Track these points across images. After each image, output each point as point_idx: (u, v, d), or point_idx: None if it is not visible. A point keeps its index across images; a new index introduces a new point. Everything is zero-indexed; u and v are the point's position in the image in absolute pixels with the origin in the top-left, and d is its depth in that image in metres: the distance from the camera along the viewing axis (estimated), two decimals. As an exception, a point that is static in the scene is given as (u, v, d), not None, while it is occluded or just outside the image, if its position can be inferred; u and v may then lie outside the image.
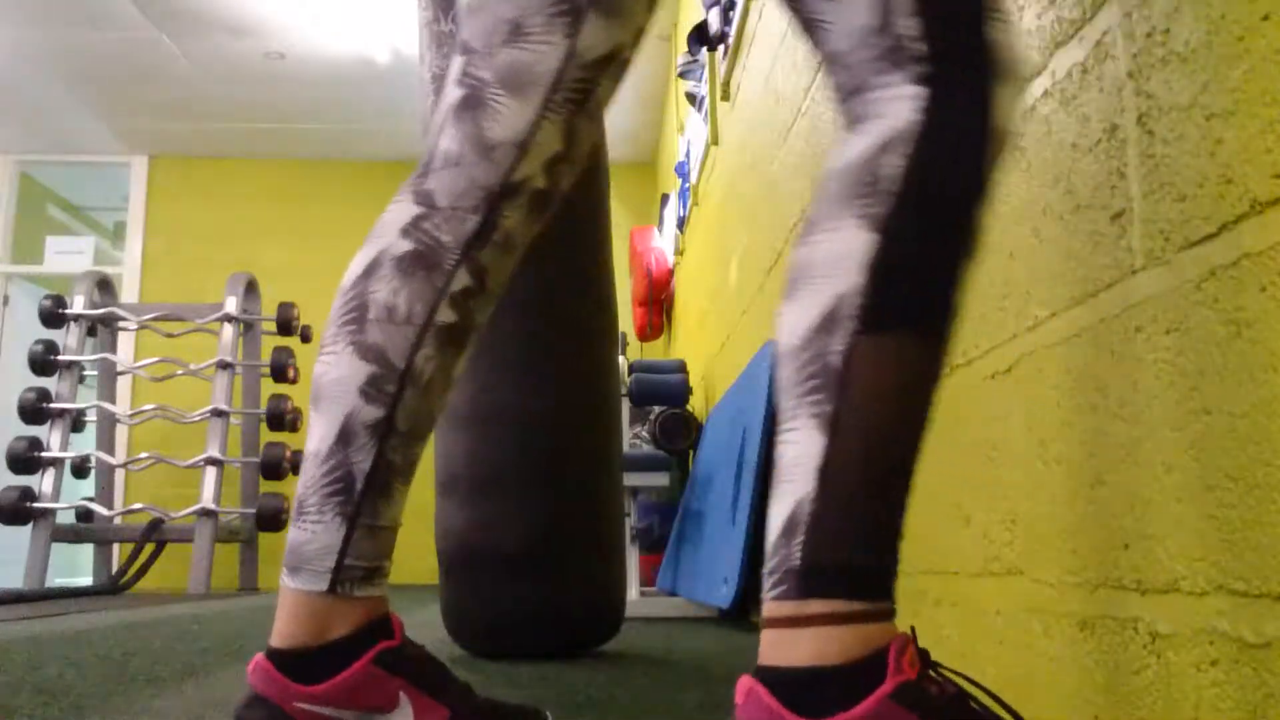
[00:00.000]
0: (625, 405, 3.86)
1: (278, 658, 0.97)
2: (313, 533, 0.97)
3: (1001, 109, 0.79)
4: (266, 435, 6.08)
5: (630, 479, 3.43)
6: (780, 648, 0.74)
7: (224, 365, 5.56)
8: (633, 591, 3.42)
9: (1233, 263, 0.79)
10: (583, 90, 1.01)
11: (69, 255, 6.94)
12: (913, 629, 0.77)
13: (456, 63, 1.04)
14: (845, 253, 0.77)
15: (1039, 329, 1.16)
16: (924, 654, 0.75)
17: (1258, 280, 0.76)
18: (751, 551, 2.53)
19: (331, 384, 0.98)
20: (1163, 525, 0.89)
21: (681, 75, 4.27)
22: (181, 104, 6.36)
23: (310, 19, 5.37)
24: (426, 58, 2.16)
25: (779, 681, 0.74)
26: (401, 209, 1.02)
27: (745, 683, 0.75)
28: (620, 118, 6.32)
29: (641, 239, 5.54)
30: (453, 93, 1.03)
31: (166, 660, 1.97)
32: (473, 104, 1.01)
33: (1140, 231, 0.95)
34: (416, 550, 4.03)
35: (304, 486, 0.98)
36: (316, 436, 0.98)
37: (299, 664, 0.96)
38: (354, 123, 6.56)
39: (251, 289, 5.90)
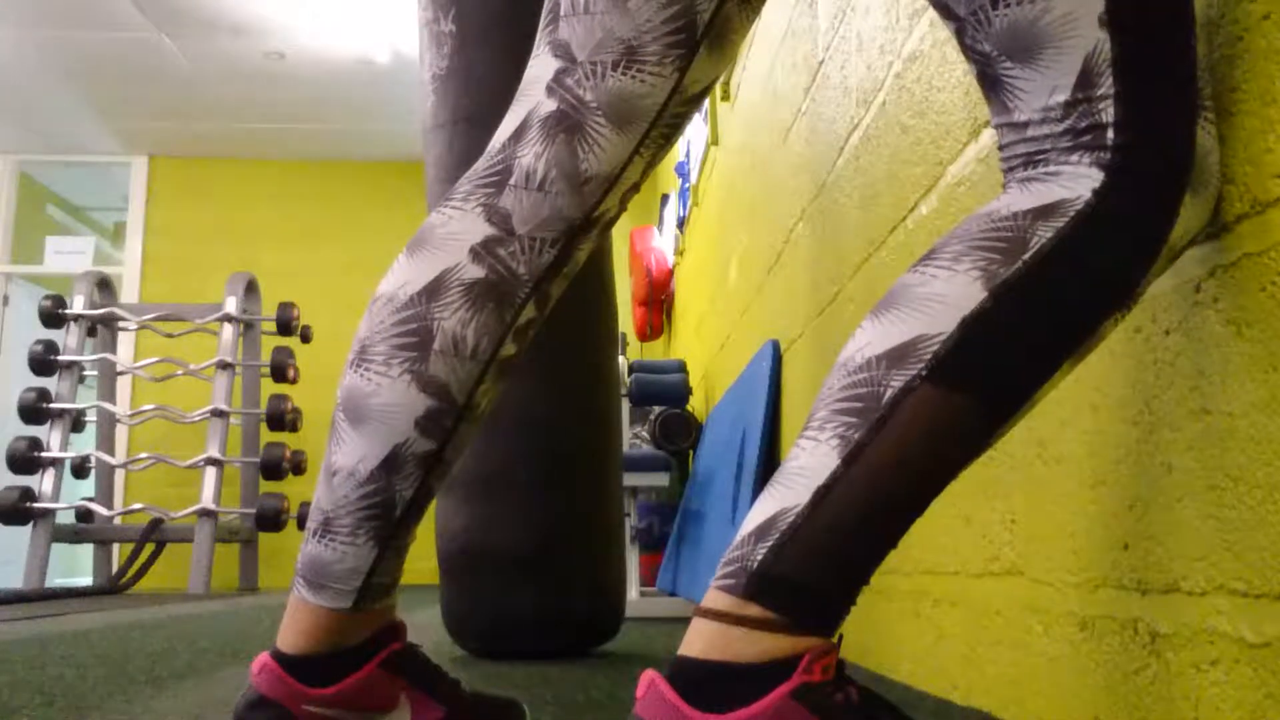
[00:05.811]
0: (625, 405, 3.86)
1: (286, 661, 0.96)
2: (343, 553, 0.95)
3: (1181, 223, 0.74)
4: (266, 435, 6.08)
5: (630, 479, 3.43)
6: (703, 639, 0.73)
7: (224, 365, 5.56)
8: (633, 591, 3.41)
9: (1233, 263, 0.79)
10: (675, 126, 0.97)
11: (69, 255, 6.93)
12: (840, 637, 0.75)
13: (548, 64, 0.96)
14: (948, 297, 0.73)
15: (1039, 329, 1.16)
16: (841, 665, 0.74)
17: (1258, 280, 0.76)
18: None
19: (382, 409, 0.93)
20: (1163, 525, 0.89)
21: (681, 75, 4.26)
22: (181, 104, 6.36)
23: (310, 19, 5.36)
24: (426, 58, 2.16)
25: (685, 675, 0.73)
26: (470, 223, 0.95)
27: (647, 676, 0.74)
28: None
29: (641, 239, 5.54)
30: (543, 102, 0.95)
31: (166, 660, 1.97)
32: (569, 126, 0.94)
33: (1140, 231, 0.95)
34: (417, 550, 3.99)
35: (333, 504, 0.95)
36: (354, 456, 0.94)
37: (309, 667, 0.96)
38: (354, 123, 6.56)
39: (251, 289, 5.90)
